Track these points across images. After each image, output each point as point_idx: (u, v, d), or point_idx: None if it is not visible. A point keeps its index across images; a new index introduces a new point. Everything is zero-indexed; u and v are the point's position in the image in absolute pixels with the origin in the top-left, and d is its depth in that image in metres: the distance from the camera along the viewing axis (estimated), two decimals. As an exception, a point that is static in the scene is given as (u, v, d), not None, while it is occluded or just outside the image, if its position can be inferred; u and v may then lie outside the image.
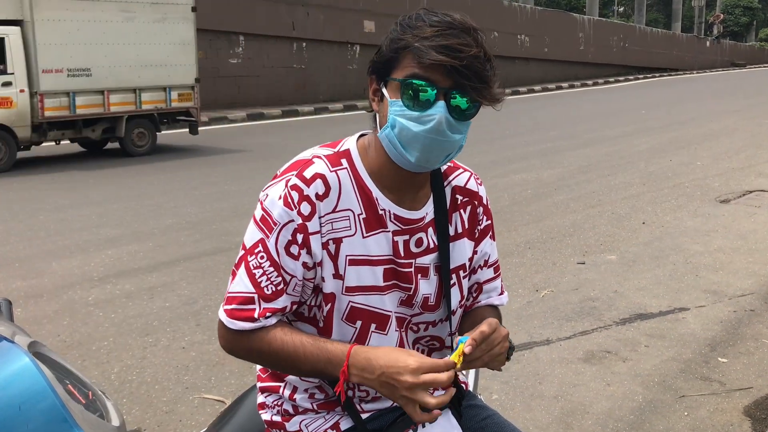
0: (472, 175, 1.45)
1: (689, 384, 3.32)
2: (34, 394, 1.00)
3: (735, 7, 53.54)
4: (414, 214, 1.33)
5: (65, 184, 8.10)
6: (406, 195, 1.32)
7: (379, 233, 1.30)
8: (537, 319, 4.14)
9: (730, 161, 9.54)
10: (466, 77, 1.16)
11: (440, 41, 1.16)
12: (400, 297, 1.33)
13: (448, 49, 1.15)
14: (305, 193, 1.25)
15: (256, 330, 1.25)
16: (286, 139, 12.07)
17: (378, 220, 1.30)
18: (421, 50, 1.16)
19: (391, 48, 1.22)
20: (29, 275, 4.90)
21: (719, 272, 4.97)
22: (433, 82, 1.17)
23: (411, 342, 1.39)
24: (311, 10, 18.38)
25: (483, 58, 1.18)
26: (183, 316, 4.19)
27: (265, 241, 1.26)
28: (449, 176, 1.41)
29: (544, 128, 13.36)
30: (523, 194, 7.47)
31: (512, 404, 3.16)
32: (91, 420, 1.09)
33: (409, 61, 1.19)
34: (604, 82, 28.42)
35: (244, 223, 6.32)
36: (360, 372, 1.19)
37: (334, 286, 1.28)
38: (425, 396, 1.14)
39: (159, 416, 3.11)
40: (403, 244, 1.32)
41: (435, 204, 1.36)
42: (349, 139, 1.35)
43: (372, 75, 1.28)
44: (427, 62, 1.16)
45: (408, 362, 1.15)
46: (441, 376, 1.14)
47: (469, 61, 1.16)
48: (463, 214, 1.41)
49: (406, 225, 1.32)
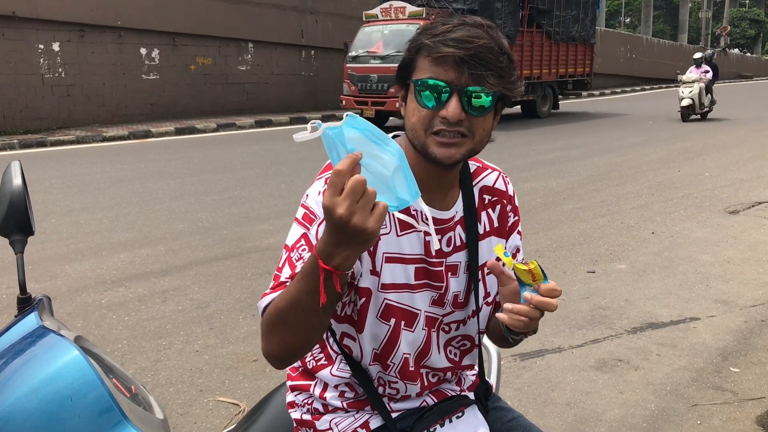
0: (500, 174, 1.47)
1: (701, 393, 3.33)
2: (84, 385, 1.03)
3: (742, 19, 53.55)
4: (444, 213, 1.36)
5: (76, 188, 8.15)
6: (436, 195, 1.35)
7: (411, 233, 1.33)
8: (548, 326, 4.15)
9: (738, 172, 9.54)
10: (475, 67, 1.18)
11: (450, 35, 1.19)
12: (431, 297, 1.35)
13: (457, 41, 1.18)
14: None
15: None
16: (295, 146, 12.10)
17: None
18: (430, 46, 1.20)
19: (409, 51, 1.26)
20: (43, 278, 4.94)
21: (729, 282, 4.98)
22: (444, 79, 1.19)
23: (443, 344, 1.41)
24: (320, 18, 18.47)
25: (496, 50, 1.19)
26: (196, 319, 4.21)
27: (307, 234, 1.27)
28: (478, 176, 1.44)
29: (552, 138, 13.38)
30: (532, 203, 7.48)
31: (525, 411, 3.17)
32: (138, 412, 1.12)
33: (423, 60, 1.22)
34: (611, 92, 28.42)
35: (255, 228, 6.32)
36: (331, 251, 1.02)
37: (370, 282, 1.31)
38: (359, 215, 0.98)
39: (174, 418, 3.13)
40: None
41: (464, 203, 1.38)
42: None
43: (397, 83, 1.31)
44: (434, 55, 1.19)
45: (323, 203, 0.99)
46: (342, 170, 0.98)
47: (477, 51, 1.17)
48: (492, 213, 1.43)
49: (437, 225, 1.35)
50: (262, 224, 6.43)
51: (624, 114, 18.55)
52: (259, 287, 4.74)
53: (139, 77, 14.97)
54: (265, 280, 4.86)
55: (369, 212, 0.98)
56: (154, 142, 12.92)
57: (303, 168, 9.31)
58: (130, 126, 14.19)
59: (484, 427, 1.39)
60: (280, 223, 6.40)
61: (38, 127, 13.41)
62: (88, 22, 13.86)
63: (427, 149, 1.24)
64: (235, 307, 4.39)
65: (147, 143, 12.69)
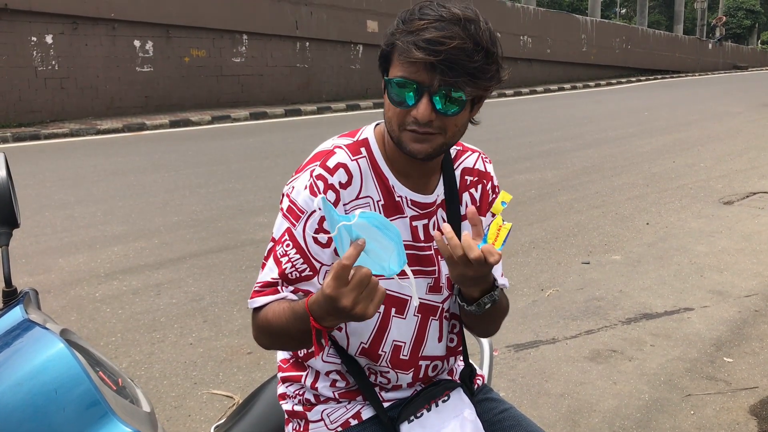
0: (480, 155, 1.48)
1: (695, 383, 3.34)
2: (69, 379, 1.02)
3: (737, 9, 53.50)
4: (426, 198, 1.37)
5: (70, 181, 8.11)
6: (420, 180, 1.36)
7: (397, 219, 1.33)
8: (542, 318, 4.16)
9: (733, 163, 9.56)
10: (446, 72, 1.16)
11: (423, 35, 1.16)
12: (427, 284, 1.36)
13: (429, 42, 1.15)
14: (329, 182, 1.28)
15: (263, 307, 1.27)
16: (289, 138, 12.08)
17: (395, 206, 1.33)
18: (402, 48, 1.18)
19: (386, 44, 1.25)
20: (36, 271, 4.92)
21: (724, 273, 4.99)
22: (416, 79, 1.18)
23: (446, 332, 1.42)
24: (314, 10, 18.38)
25: (470, 49, 1.16)
26: (190, 312, 4.21)
27: (292, 230, 1.29)
28: (459, 159, 1.45)
29: (548, 129, 13.37)
30: (527, 194, 7.48)
31: (519, 402, 3.18)
32: (124, 405, 1.11)
33: (396, 57, 1.22)
34: (606, 83, 28.41)
35: (249, 221, 6.31)
36: (324, 318, 1.09)
37: None
38: (362, 305, 1.05)
39: (168, 411, 3.13)
40: (423, 228, 1.36)
41: (445, 185, 1.39)
42: (367, 128, 1.39)
43: (381, 72, 1.31)
44: (405, 60, 1.18)
45: (325, 291, 1.05)
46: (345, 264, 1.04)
47: (448, 55, 1.15)
48: (474, 193, 1.44)
49: (423, 209, 1.36)
50: (256, 217, 6.42)
51: (617, 105, 18.54)
52: (253, 280, 4.71)
53: (133, 69, 14.88)
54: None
55: (371, 300, 1.05)
56: (148, 134, 12.86)
57: (298, 160, 9.25)
58: (124, 119, 14.12)
59: (470, 409, 1.39)
60: (275, 216, 6.35)
61: (32, 120, 13.33)
62: (82, 15, 13.76)
63: (402, 143, 1.26)
64: (229, 300, 4.39)
65: (141, 136, 12.64)
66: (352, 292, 1.03)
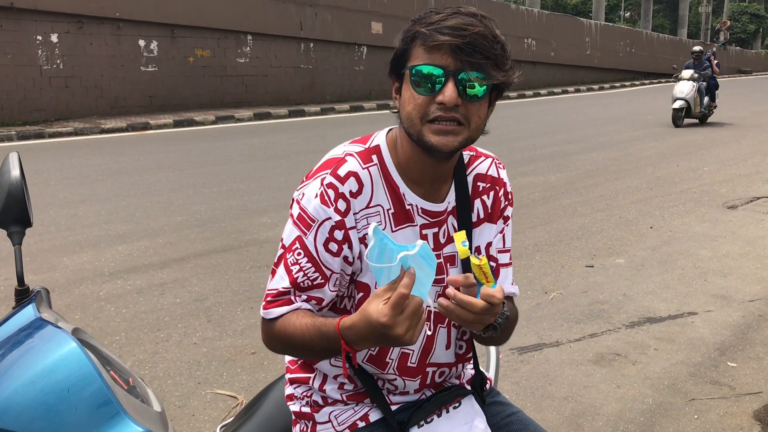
0: (493, 160, 1.47)
1: (699, 388, 3.34)
2: (82, 378, 1.03)
3: (742, 14, 53.45)
4: (437, 206, 1.36)
5: (74, 179, 8.13)
6: (432, 187, 1.35)
7: (406, 227, 1.33)
8: (546, 321, 4.16)
9: (737, 167, 9.54)
10: (471, 54, 1.18)
11: (445, 23, 1.19)
12: (436, 292, 1.35)
13: (451, 29, 1.18)
14: (340, 191, 1.27)
15: (280, 318, 1.28)
16: (293, 138, 12.09)
17: (405, 214, 1.33)
18: (425, 34, 1.20)
19: (403, 41, 1.25)
20: (41, 270, 4.94)
21: (728, 277, 4.98)
22: (440, 65, 1.19)
23: (454, 339, 1.42)
24: (319, 11, 18.40)
25: (490, 38, 1.19)
26: (194, 312, 4.21)
27: (303, 239, 1.28)
28: (472, 164, 1.44)
29: (551, 132, 13.36)
30: (531, 197, 7.48)
31: (523, 405, 3.18)
32: (135, 404, 1.12)
33: (418, 48, 1.22)
34: (610, 86, 28.40)
35: (253, 221, 6.33)
36: (358, 343, 1.15)
37: (370, 278, 1.32)
38: (411, 331, 1.10)
39: (172, 410, 3.14)
40: (433, 237, 1.35)
41: (457, 192, 1.38)
42: (379, 134, 1.38)
43: (391, 75, 1.31)
44: (430, 44, 1.19)
45: (380, 320, 1.08)
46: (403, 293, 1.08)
47: (472, 39, 1.17)
48: (486, 200, 1.43)
49: (433, 218, 1.35)
50: (260, 217, 6.43)
51: (621, 108, 18.53)
52: (257, 280, 4.73)
53: (138, 69, 14.91)
54: (263, 273, 4.86)
55: (416, 327, 1.10)
56: (152, 134, 12.89)
57: (302, 161, 9.28)
58: (128, 118, 14.15)
59: (481, 417, 1.39)
60: (279, 216, 6.39)
61: (36, 118, 13.36)
62: (87, 14, 13.80)
63: (423, 138, 1.23)
64: (233, 300, 4.39)
65: (145, 135, 12.67)
66: (407, 320, 1.07)
